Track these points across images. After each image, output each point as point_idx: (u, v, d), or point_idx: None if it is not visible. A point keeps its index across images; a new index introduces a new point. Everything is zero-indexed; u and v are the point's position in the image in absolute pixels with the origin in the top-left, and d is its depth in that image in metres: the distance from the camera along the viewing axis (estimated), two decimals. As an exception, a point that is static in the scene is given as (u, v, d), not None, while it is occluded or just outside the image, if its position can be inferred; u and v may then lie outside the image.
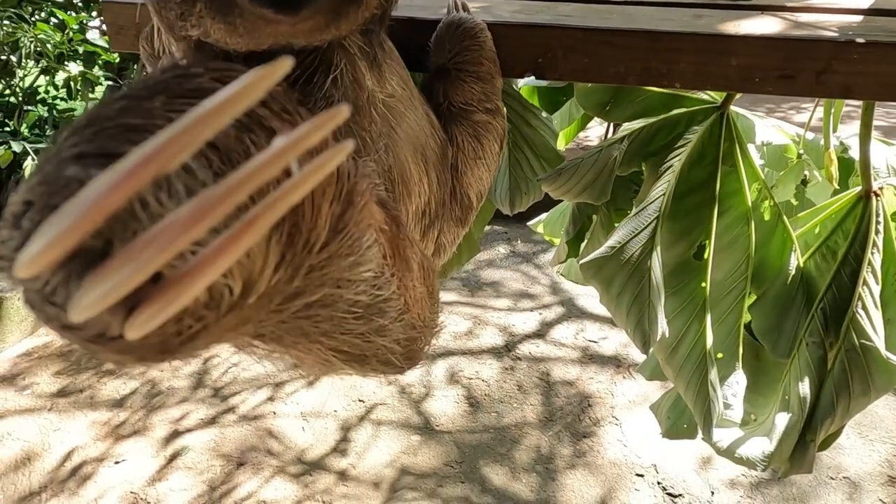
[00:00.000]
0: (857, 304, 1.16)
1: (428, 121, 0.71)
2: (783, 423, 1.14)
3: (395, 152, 0.63)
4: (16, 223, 0.29)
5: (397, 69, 0.70)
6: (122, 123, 0.30)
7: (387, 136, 0.62)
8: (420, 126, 0.69)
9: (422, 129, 0.69)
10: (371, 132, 0.59)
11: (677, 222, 1.17)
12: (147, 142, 0.24)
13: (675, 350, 1.16)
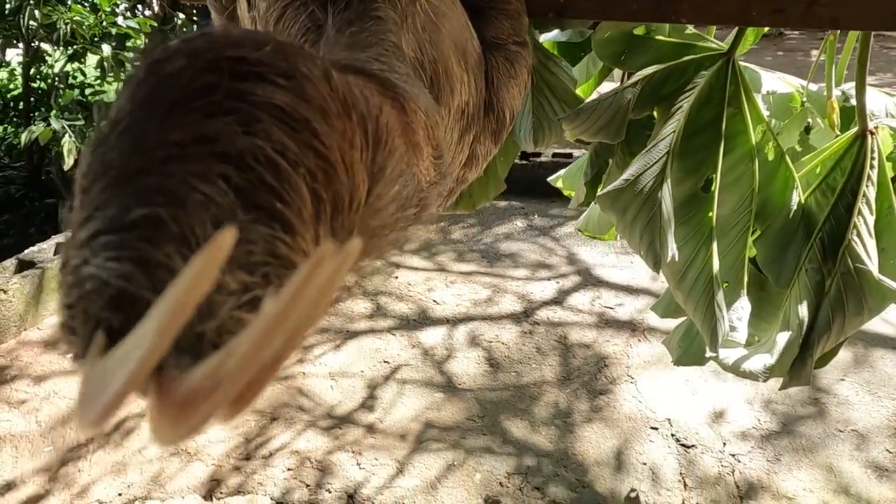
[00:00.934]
0: (852, 232, 1.26)
1: (467, 28, 0.82)
2: (783, 341, 1.25)
3: (440, 48, 0.73)
4: (71, 331, 0.30)
5: None
6: (129, 172, 0.30)
7: (432, 30, 0.72)
8: (461, 29, 0.79)
9: (462, 32, 0.79)
10: (417, 22, 0.69)
11: (686, 160, 1.28)
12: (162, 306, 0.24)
13: (684, 275, 1.27)
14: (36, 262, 3.30)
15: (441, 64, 0.73)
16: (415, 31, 0.69)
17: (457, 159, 0.90)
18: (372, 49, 0.63)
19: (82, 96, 4.65)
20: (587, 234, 1.97)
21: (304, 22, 0.67)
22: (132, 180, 0.29)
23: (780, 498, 2.21)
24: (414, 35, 0.69)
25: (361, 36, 0.64)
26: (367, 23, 0.64)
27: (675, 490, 2.25)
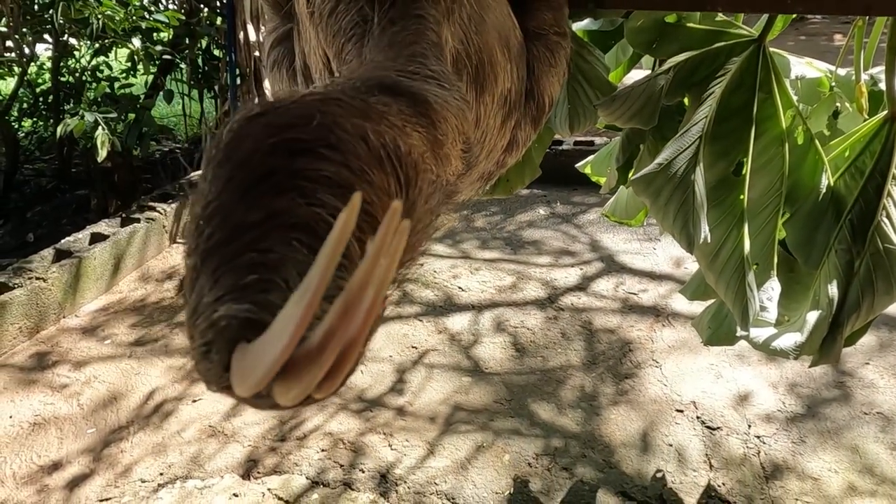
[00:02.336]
0: (881, 213, 1.29)
1: (510, 18, 0.86)
2: (813, 319, 1.29)
3: (485, 38, 0.78)
4: (206, 357, 0.37)
5: None
6: (230, 251, 0.38)
7: (478, 21, 0.77)
8: (504, 20, 0.83)
9: (505, 23, 0.84)
10: (463, 14, 0.74)
11: (718, 144, 1.31)
12: (302, 293, 0.29)
13: (716, 256, 1.31)
14: (73, 252, 3.40)
15: (486, 53, 0.78)
16: (461, 22, 0.74)
17: (499, 144, 0.94)
18: (410, 48, 0.68)
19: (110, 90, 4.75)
20: (614, 219, 2.01)
21: (354, 17, 0.72)
22: (234, 258, 0.38)
23: (805, 478, 2.25)
24: (460, 27, 0.74)
25: (402, 35, 0.69)
26: (408, 21, 0.70)
27: (700, 470, 2.30)
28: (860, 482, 2.22)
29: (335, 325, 0.27)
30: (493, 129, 0.90)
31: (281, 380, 0.29)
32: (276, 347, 0.29)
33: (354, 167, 0.42)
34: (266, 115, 0.41)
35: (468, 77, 0.79)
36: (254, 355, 0.32)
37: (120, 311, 3.43)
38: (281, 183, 0.39)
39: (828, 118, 1.60)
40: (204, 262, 0.38)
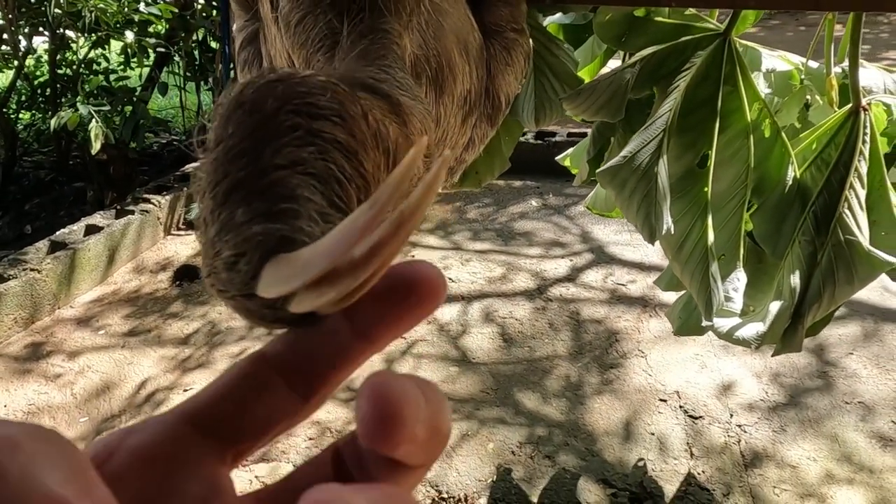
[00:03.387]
0: (843, 205, 1.31)
1: (468, 21, 0.89)
2: (776, 309, 1.31)
3: (443, 42, 0.81)
4: (233, 267, 0.38)
5: None
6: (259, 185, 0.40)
7: (435, 27, 0.79)
8: (462, 23, 0.86)
9: (463, 26, 0.86)
10: (421, 21, 0.77)
11: (683, 137, 1.33)
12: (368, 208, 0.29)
13: (681, 247, 1.33)
14: (67, 244, 3.44)
15: (444, 57, 0.81)
16: (420, 30, 0.77)
17: (459, 142, 0.97)
18: (380, 60, 0.72)
19: (107, 82, 4.77)
20: (595, 211, 2.03)
21: (323, 29, 0.75)
22: (266, 189, 0.41)
23: (784, 466, 2.28)
24: (419, 33, 0.77)
25: (372, 48, 0.73)
26: (376, 35, 0.73)
27: (681, 458, 2.33)
28: (838, 470, 2.25)
29: (386, 237, 0.28)
30: (454, 128, 0.93)
31: (314, 286, 0.30)
32: (334, 250, 0.29)
33: (359, 139, 0.46)
34: (286, 81, 0.45)
35: (428, 80, 0.82)
36: (296, 262, 0.33)
37: (114, 302, 3.47)
38: (302, 138, 0.43)
39: (799, 111, 1.61)
40: (233, 191, 0.40)
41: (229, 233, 0.39)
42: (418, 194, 0.29)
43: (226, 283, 0.39)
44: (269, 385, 0.31)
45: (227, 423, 0.30)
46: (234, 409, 0.30)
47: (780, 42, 6.36)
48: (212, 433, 0.30)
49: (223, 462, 0.30)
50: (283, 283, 0.32)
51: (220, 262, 0.39)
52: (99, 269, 3.59)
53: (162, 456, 0.29)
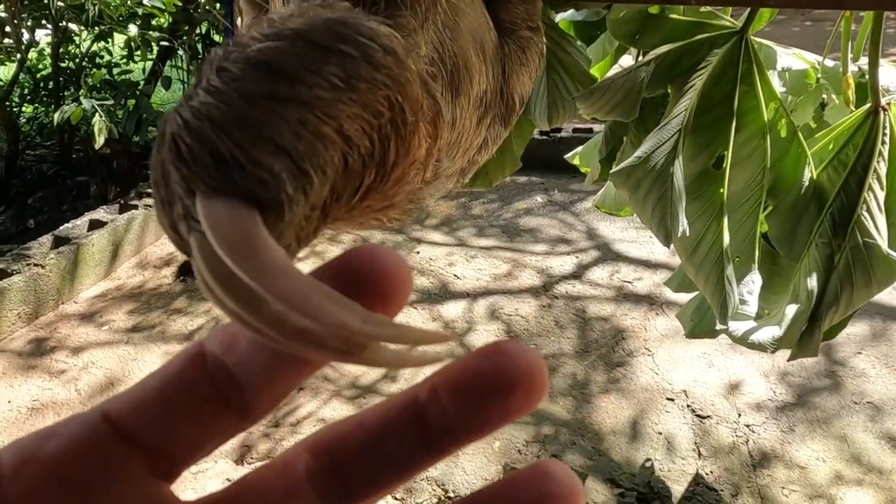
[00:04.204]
0: (862, 207, 1.29)
1: (485, 20, 0.87)
2: (792, 313, 1.29)
3: (459, 42, 0.78)
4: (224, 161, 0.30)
5: None
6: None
7: (452, 27, 0.77)
8: (479, 22, 0.84)
9: (480, 26, 0.84)
10: (437, 21, 0.74)
11: (698, 136, 1.31)
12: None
13: (695, 249, 1.31)
14: (71, 238, 3.42)
15: (461, 58, 0.79)
16: (436, 30, 0.74)
17: (474, 143, 0.95)
18: None
19: (110, 75, 4.75)
20: (604, 210, 2.01)
21: None
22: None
23: (793, 467, 2.26)
24: (435, 34, 0.74)
25: None
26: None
27: (689, 458, 2.31)
28: (847, 471, 2.23)
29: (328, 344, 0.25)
30: (469, 129, 0.91)
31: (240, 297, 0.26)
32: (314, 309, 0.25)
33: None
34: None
35: (443, 81, 0.80)
36: (267, 255, 0.27)
37: (118, 298, 3.46)
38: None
39: (814, 110, 1.59)
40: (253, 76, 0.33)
41: (248, 130, 0.30)
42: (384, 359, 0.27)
43: (202, 169, 0.29)
44: (202, 393, 0.26)
45: (154, 431, 0.26)
46: (162, 417, 0.26)
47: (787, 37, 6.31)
48: (136, 442, 0.26)
49: (154, 473, 0.26)
50: (244, 260, 0.25)
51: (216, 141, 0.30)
52: (102, 264, 3.58)
53: (84, 468, 0.25)
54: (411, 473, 0.27)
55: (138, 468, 0.25)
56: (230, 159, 0.29)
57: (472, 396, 0.25)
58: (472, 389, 0.25)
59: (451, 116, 0.85)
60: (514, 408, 0.25)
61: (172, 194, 0.30)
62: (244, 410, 0.27)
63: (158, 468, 0.26)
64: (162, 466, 0.26)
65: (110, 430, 0.26)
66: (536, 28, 1.01)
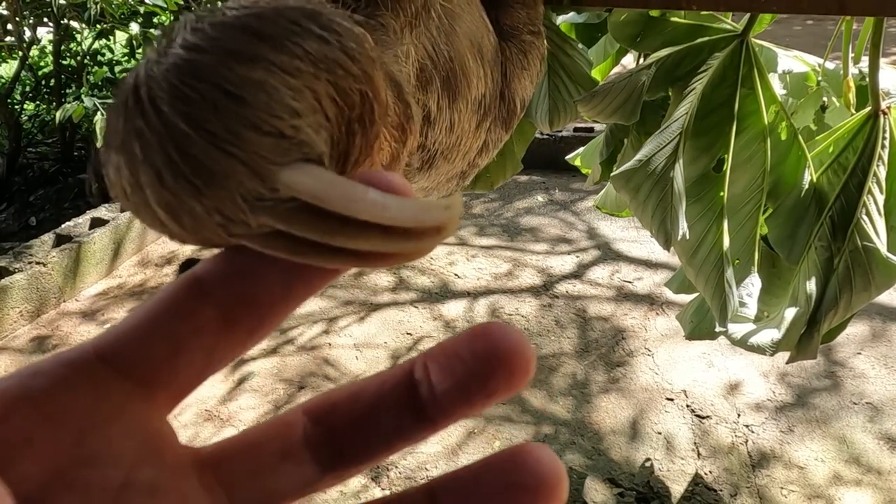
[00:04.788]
0: (861, 211, 1.29)
1: (483, 24, 0.87)
2: (791, 316, 1.30)
3: (456, 46, 0.79)
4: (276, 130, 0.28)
5: None
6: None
7: (447, 31, 0.77)
8: (477, 26, 0.84)
9: (478, 30, 0.84)
10: (431, 26, 0.74)
11: (699, 139, 1.32)
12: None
13: (695, 252, 1.32)
14: (73, 237, 3.43)
15: (458, 62, 0.79)
16: (429, 35, 0.75)
17: (473, 146, 0.96)
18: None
19: (111, 73, 4.75)
20: (605, 210, 2.02)
21: None
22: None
23: (792, 467, 2.27)
24: (427, 39, 0.75)
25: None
26: (368, 26, 0.69)
27: (688, 458, 2.32)
28: (846, 471, 2.24)
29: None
30: (468, 133, 0.91)
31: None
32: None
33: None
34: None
35: (440, 85, 0.80)
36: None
37: (119, 296, 3.47)
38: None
39: (815, 113, 1.59)
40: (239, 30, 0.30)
41: (264, 96, 0.27)
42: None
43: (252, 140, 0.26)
44: (203, 316, 0.26)
45: (156, 361, 0.25)
46: (164, 345, 0.25)
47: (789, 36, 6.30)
48: (135, 374, 0.25)
49: (154, 407, 0.25)
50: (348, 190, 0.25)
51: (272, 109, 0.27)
52: (104, 262, 3.59)
53: (77, 405, 0.23)
54: (403, 445, 0.27)
55: (134, 402, 0.24)
56: (273, 131, 0.27)
57: (458, 376, 0.25)
58: (459, 369, 0.25)
59: (450, 120, 0.85)
60: (498, 389, 0.25)
61: (225, 180, 0.26)
62: (251, 328, 0.26)
63: (158, 397, 0.25)
64: (162, 395, 0.25)
65: (100, 363, 0.24)
66: (538, 32, 1.01)
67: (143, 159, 0.27)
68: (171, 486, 0.24)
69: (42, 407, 0.23)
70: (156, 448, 0.24)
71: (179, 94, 0.26)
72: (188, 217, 0.27)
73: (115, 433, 0.23)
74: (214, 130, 0.26)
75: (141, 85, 0.27)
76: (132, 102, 0.27)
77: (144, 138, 0.27)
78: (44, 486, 0.21)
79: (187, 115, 0.26)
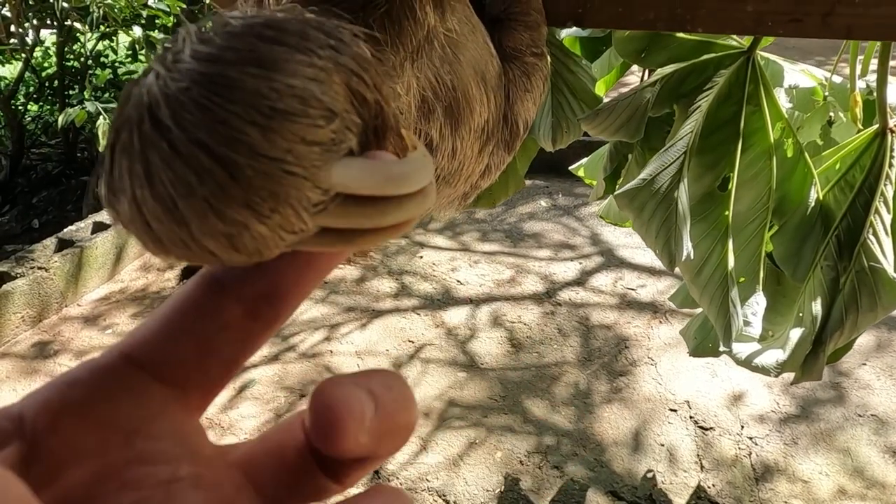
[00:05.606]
0: (868, 230, 1.28)
1: (487, 50, 0.86)
2: (796, 337, 1.28)
3: (459, 75, 0.78)
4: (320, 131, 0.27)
5: (459, 8, 0.79)
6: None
7: (451, 60, 0.76)
8: (480, 54, 0.83)
9: (482, 57, 0.83)
10: (433, 56, 0.73)
11: (704, 157, 1.30)
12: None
13: (700, 271, 1.30)
14: (75, 241, 3.43)
15: (461, 90, 0.78)
16: (430, 66, 0.74)
17: (476, 169, 0.95)
18: None
19: (114, 76, 4.75)
20: (609, 221, 2.00)
21: None
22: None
23: (796, 481, 2.25)
24: (430, 69, 0.74)
25: None
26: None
27: (691, 471, 2.30)
28: (850, 485, 2.22)
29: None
30: (471, 158, 0.91)
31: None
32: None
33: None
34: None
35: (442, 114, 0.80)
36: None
37: (121, 301, 3.46)
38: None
39: (822, 127, 1.57)
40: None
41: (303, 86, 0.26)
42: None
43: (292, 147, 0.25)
44: (228, 313, 0.27)
45: (187, 363, 0.26)
46: (193, 346, 0.26)
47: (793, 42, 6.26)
48: (168, 377, 0.25)
49: (188, 408, 0.26)
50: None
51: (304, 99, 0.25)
52: (106, 266, 3.58)
53: (120, 412, 0.24)
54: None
55: (169, 403, 0.25)
56: (320, 140, 0.26)
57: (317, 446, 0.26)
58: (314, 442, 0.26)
59: (452, 147, 0.85)
60: (341, 453, 0.25)
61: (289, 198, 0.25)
62: (271, 317, 0.27)
63: (191, 398, 0.26)
64: (195, 396, 0.26)
65: (132, 368, 0.25)
66: (541, 54, 1.00)
67: (183, 192, 0.24)
68: (211, 481, 0.25)
69: (87, 415, 0.24)
70: (193, 446, 0.25)
71: (214, 116, 0.24)
72: (250, 241, 0.25)
73: (157, 433, 0.24)
74: (268, 153, 0.24)
75: (158, 105, 0.25)
76: (150, 126, 0.25)
77: (177, 169, 0.24)
78: (96, 488, 0.22)
79: (230, 139, 0.24)
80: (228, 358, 0.27)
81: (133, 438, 0.24)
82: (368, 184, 0.26)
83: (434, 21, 0.74)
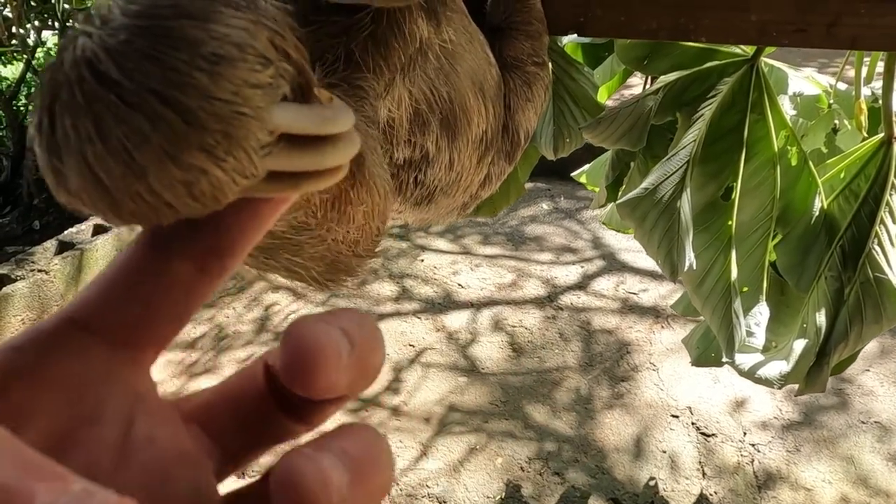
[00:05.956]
0: (873, 241, 1.26)
1: (486, 59, 0.84)
2: (800, 348, 1.27)
3: (456, 86, 0.76)
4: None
5: (456, 18, 0.78)
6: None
7: (447, 72, 0.75)
8: (478, 63, 0.82)
9: (480, 66, 0.82)
10: (427, 69, 0.72)
11: (707, 166, 1.29)
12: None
13: (702, 281, 1.29)
14: (75, 244, 3.42)
15: (458, 101, 0.77)
16: (425, 78, 0.72)
17: (475, 180, 0.94)
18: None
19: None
20: (611, 227, 1.99)
21: None
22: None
23: (798, 489, 2.23)
24: (424, 82, 0.72)
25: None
26: (349, 88, 0.66)
27: (693, 478, 2.29)
28: (854, 493, 2.21)
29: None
30: (469, 169, 0.90)
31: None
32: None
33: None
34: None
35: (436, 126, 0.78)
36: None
37: (121, 303, 3.45)
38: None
39: (826, 135, 1.56)
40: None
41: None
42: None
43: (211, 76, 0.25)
44: (175, 271, 0.26)
45: (134, 325, 0.26)
46: (140, 307, 0.26)
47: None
48: (116, 339, 0.25)
49: (137, 366, 0.26)
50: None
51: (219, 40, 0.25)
52: (106, 269, 3.58)
53: (69, 373, 0.24)
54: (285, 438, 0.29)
55: (117, 363, 0.25)
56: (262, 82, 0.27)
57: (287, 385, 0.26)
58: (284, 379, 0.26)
59: (449, 158, 0.84)
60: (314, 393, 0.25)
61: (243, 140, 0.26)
62: (218, 267, 0.27)
63: (139, 354, 0.26)
64: (140, 356, 0.26)
65: (78, 331, 0.25)
66: (542, 63, 0.99)
67: (138, 142, 0.24)
68: (165, 436, 0.25)
69: (36, 377, 0.23)
70: (144, 403, 0.26)
71: (163, 64, 0.24)
72: (207, 187, 0.25)
73: (107, 393, 0.25)
74: (218, 95, 0.25)
75: (98, 59, 0.24)
76: (94, 82, 0.24)
77: (130, 120, 0.24)
78: (51, 448, 0.22)
79: (181, 84, 0.24)
80: (175, 314, 0.27)
81: (82, 400, 0.24)
82: (306, 123, 0.28)
83: (427, 33, 0.72)
